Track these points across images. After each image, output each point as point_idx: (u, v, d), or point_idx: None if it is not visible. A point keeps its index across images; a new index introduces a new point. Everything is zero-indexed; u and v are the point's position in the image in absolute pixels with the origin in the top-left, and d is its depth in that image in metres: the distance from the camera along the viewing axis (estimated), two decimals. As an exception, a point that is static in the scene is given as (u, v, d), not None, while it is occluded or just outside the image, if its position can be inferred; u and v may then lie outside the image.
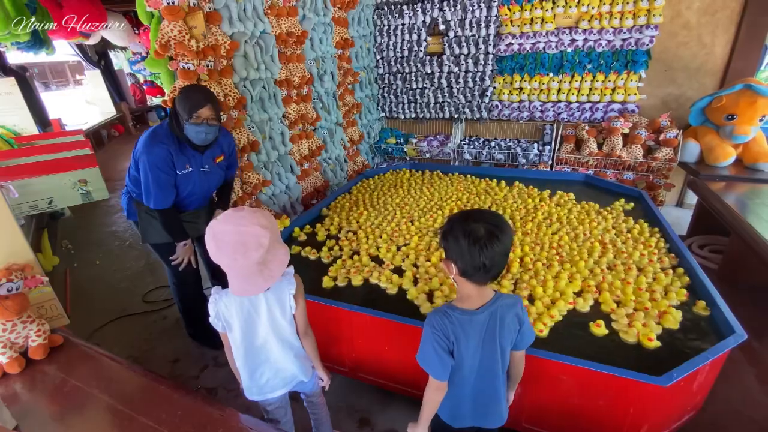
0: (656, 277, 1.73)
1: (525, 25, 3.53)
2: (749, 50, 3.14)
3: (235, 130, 2.51)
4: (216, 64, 2.32)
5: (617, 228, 2.14)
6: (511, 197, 2.60)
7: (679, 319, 1.49)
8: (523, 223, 2.23)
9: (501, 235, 0.94)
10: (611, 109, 3.53)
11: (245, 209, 1.10)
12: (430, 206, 2.53)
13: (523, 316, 1.10)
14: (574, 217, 2.28)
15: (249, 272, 1.06)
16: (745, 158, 2.94)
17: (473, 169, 3.20)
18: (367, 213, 2.52)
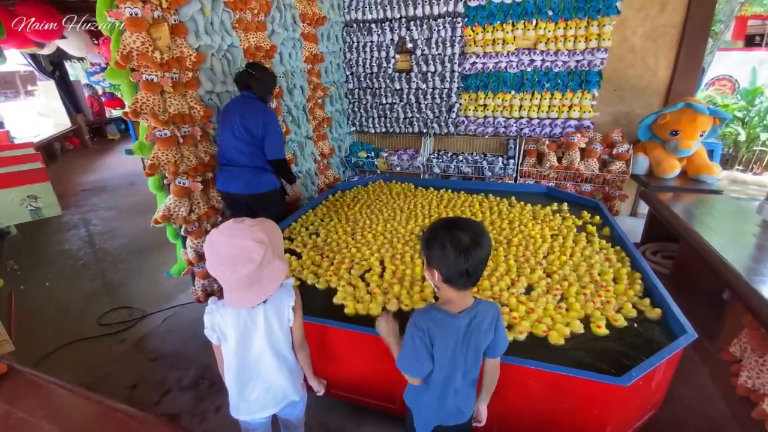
0: (612, 278, 1.84)
1: (488, 46, 3.71)
2: (688, 72, 3.45)
3: (201, 144, 2.45)
4: (181, 77, 2.27)
5: (577, 238, 2.25)
6: (478, 209, 2.69)
7: (634, 318, 1.58)
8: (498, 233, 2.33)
9: (482, 242, 0.99)
10: (568, 125, 3.75)
11: (246, 221, 1.08)
12: (402, 219, 2.58)
13: (499, 323, 1.13)
14: (537, 230, 2.35)
15: (238, 286, 1.05)
16: (689, 170, 3.19)
17: (443, 183, 3.29)
18: (340, 224, 2.54)
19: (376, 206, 2.86)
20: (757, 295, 1.61)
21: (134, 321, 2.73)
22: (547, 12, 3.45)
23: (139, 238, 4.04)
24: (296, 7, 3.26)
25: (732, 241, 2.08)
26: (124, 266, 3.51)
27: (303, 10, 3.37)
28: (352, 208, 2.84)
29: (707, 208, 2.54)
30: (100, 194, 5.63)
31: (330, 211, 2.84)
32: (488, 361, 1.17)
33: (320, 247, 2.33)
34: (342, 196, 3.12)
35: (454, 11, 3.70)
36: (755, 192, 4.95)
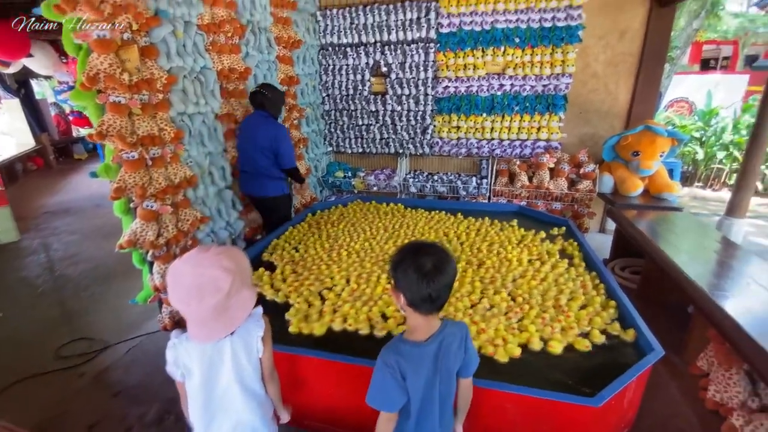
0: (581, 299, 1.86)
1: (459, 70, 3.85)
2: (646, 96, 3.66)
3: (171, 166, 2.39)
4: (151, 98, 2.23)
5: (545, 254, 2.30)
6: (463, 230, 2.71)
7: (602, 340, 1.60)
8: (469, 251, 2.34)
9: (446, 268, 0.99)
10: (538, 145, 3.89)
11: (212, 249, 1.04)
12: (381, 238, 2.57)
13: (468, 343, 1.13)
14: (515, 254, 2.35)
15: (205, 318, 1.00)
16: (651, 189, 3.35)
17: (420, 202, 3.33)
18: (320, 240, 2.54)
19: (360, 225, 2.86)
20: (719, 310, 1.67)
21: (95, 353, 2.57)
22: (515, 39, 3.62)
23: (103, 263, 3.85)
24: (271, 30, 3.29)
25: (694, 257, 2.17)
26: (86, 294, 3.33)
27: (278, 34, 3.40)
28: (336, 226, 2.85)
29: (669, 225, 2.66)
30: (63, 217, 5.37)
31: (312, 227, 2.88)
32: (461, 382, 1.17)
33: (296, 261, 2.35)
34: (328, 214, 3.11)
35: (427, 37, 3.83)
36: (715, 207, 5.23)
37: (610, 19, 3.51)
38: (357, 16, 3.97)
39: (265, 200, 2.85)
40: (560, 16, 3.46)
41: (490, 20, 3.63)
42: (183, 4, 2.35)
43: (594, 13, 3.49)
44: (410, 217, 2.94)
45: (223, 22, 2.70)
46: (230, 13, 2.80)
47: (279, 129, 2.68)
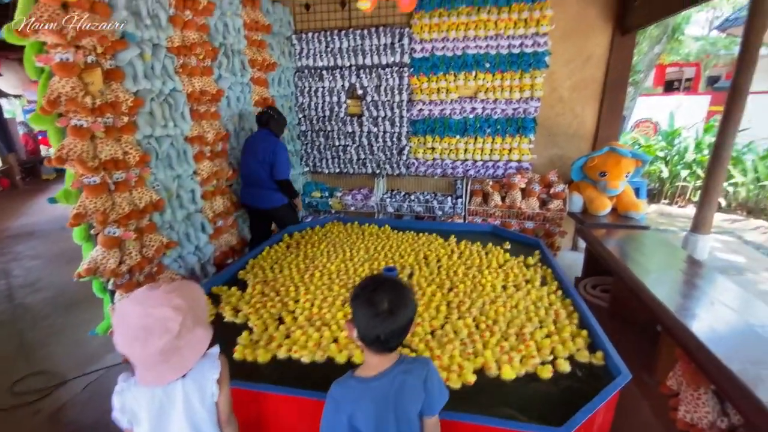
0: (549, 328, 1.82)
1: (433, 94, 3.94)
2: (611, 119, 3.82)
3: (136, 190, 2.32)
4: (115, 121, 2.18)
5: (522, 281, 2.29)
6: (444, 252, 2.68)
7: (567, 368, 1.57)
8: (445, 274, 2.32)
9: (402, 311, 0.97)
10: (509, 166, 3.98)
11: (162, 287, 0.99)
12: (359, 260, 2.54)
13: (430, 380, 1.07)
14: (490, 279, 2.29)
15: (152, 362, 0.94)
16: (619, 207, 3.45)
17: (398, 222, 3.32)
18: (296, 261, 2.51)
19: (338, 246, 2.81)
20: (684, 330, 1.70)
21: (52, 388, 2.41)
22: (485, 65, 3.75)
23: (65, 290, 3.67)
24: (245, 53, 3.30)
25: (660, 276, 2.22)
26: (46, 324, 3.15)
27: (252, 57, 3.42)
28: (315, 246, 2.81)
29: (636, 244, 2.73)
30: (26, 240, 5.13)
31: (292, 248, 2.84)
32: (425, 422, 1.12)
33: (268, 282, 2.31)
34: (304, 235, 3.07)
35: (401, 62, 3.93)
36: (682, 223, 5.43)
37: (574, 46, 3.68)
38: (332, 40, 4.03)
39: (267, 211, 3.14)
40: (528, 42, 3.60)
41: (461, 46, 3.75)
42: (152, 27, 2.34)
43: (559, 41, 3.65)
44: (389, 238, 2.92)
45: (194, 45, 2.70)
46: (202, 36, 2.80)
47: (278, 144, 3.02)
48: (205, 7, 2.75)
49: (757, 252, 4.36)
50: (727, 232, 5.01)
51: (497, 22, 3.62)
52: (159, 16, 2.38)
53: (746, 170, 5.61)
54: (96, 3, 2.01)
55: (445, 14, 3.70)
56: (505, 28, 3.62)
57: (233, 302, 2.10)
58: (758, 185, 5.53)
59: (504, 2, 3.56)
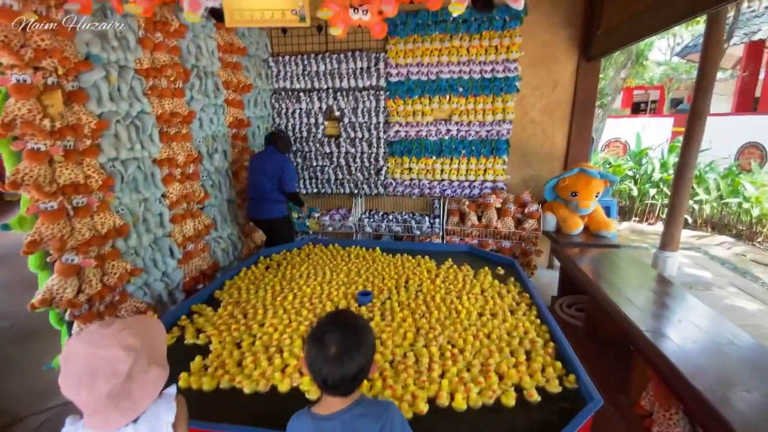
0: (522, 352, 1.78)
1: (409, 116, 4.01)
2: (580, 141, 3.95)
3: (98, 215, 2.22)
4: (77, 144, 2.10)
5: (494, 305, 2.26)
6: (426, 276, 2.61)
7: (537, 398, 1.53)
8: (422, 299, 2.27)
9: (353, 357, 0.93)
10: (485, 186, 4.05)
11: (115, 324, 0.92)
12: (336, 283, 2.48)
13: (390, 427, 0.98)
14: (467, 305, 2.22)
15: (98, 407, 0.86)
16: (591, 227, 3.53)
17: (377, 243, 3.28)
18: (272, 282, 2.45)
19: (316, 268, 2.75)
20: (654, 349, 1.72)
21: (5, 427, 2.22)
22: (458, 89, 3.85)
23: (23, 320, 3.43)
24: (219, 75, 3.29)
25: (631, 295, 2.25)
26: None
27: (227, 78, 3.40)
28: (297, 268, 2.75)
29: (608, 263, 2.77)
30: (-17, 267, 4.83)
31: (272, 268, 2.79)
32: None
33: (240, 303, 2.25)
34: (293, 254, 3.03)
35: (377, 85, 3.99)
36: (653, 240, 5.60)
37: (543, 72, 3.83)
38: (309, 64, 4.07)
39: (267, 222, 3.39)
40: (499, 68, 3.73)
41: (435, 71, 3.85)
42: (119, 48, 2.30)
43: (529, 66, 3.80)
44: (373, 261, 2.86)
45: (164, 67, 2.66)
46: (173, 58, 2.77)
47: (286, 160, 3.33)
48: (176, 29, 2.73)
49: (722, 267, 4.52)
50: (694, 248, 5.19)
51: (469, 48, 3.74)
52: (127, 38, 2.35)
53: (709, 188, 5.88)
54: (58, 24, 1.97)
55: (419, 40, 3.80)
56: (476, 54, 3.74)
57: (200, 323, 2.05)
58: (721, 202, 5.79)
59: (475, 30, 3.69)
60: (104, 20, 2.20)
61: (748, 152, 7.54)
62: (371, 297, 2.21)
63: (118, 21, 2.26)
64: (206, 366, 1.71)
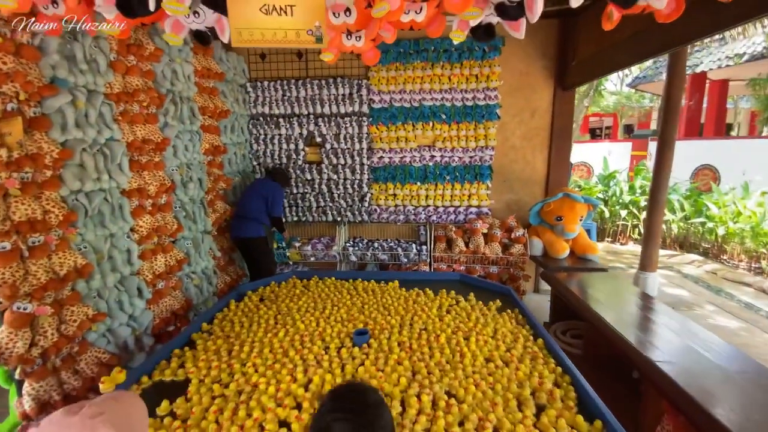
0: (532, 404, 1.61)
1: (392, 142, 3.98)
2: (559, 166, 4.05)
3: (57, 254, 1.97)
4: (35, 176, 1.87)
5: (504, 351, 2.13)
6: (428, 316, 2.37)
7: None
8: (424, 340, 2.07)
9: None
10: (470, 212, 4.03)
11: (86, 408, 0.75)
12: (334, 320, 2.28)
13: None
14: (473, 346, 2.03)
15: None
16: (576, 250, 3.56)
17: (365, 274, 3.11)
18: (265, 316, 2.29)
19: (324, 301, 2.56)
20: (671, 383, 1.65)
21: None
22: (441, 116, 3.87)
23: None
24: (195, 100, 3.13)
25: (632, 320, 2.23)
26: None
27: (203, 104, 3.25)
28: (295, 301, 2.56)
29: (600, 287, 2.76)
30: None
31: (267, 301, 2.61)
32: None
33: (231, 338, 2.10)
34: (288, 286, 2.84)
35: (360, 111, 3.95)
36: (628, 260, 5.77)
37: (522, 100, 3.93)
38: (289, 89, 3.99)
39: (244, 240, 3.48)
40: (480, 96, 3.80)
41: (418, 98, 3.87)
42: (88, 72, 2.11)
43: (508, 95, 3.89)
44: (359, 294, 2.67)
45: (137, 92, 2.48)
46: (147, 83, 2.60)
47: (278, 187, 3.54)
48: (151, 53, 2.58)
49: (697, 285, 4.68)
50: (667, 267, 5.37)
51: (450, 76, 3.79)
52: (98, 61, 2.17)
53: (675, 209, 6.18)
54: (22, 46, 1.78)
55: (401, 68, 3.83)
56: (458, 82, 3.80)
57: (186, 356, 1.89)
58: (687, 222, 6.09)
59: (456, 59, 3.76)
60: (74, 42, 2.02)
61: (702, 174, 8.07)
62: (368, 336, 2.05)
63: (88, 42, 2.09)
64: (174, 411, 1.54)
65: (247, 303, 2.54)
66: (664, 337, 2.06)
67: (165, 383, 1.77)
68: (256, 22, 1.21)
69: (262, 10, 1.19)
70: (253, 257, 3.56)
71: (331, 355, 1.91)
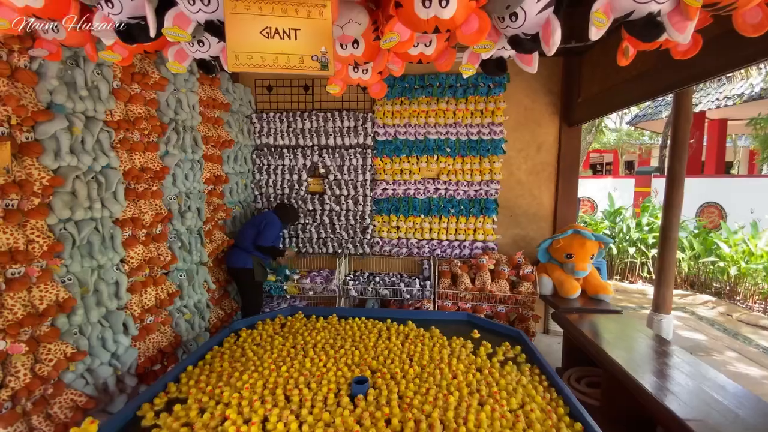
0: None
1: (396, 174, 3.92)
2: (567, 201, 3.96)
3: (38, 287, 1.84)
4: (21, 204, 1.78)
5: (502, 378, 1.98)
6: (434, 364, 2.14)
7: None
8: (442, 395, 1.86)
9: None
10: (476, 246, 3.90)
11: None
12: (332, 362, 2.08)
13: None
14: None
15: None
16: (588, 290, 3.39)
17: (367, 312, 2.94)
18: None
19: (305, 343, 2.36)
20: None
21: None
22: (446, 149, 3.84)
23: None
24: (199, 129, 3.09)
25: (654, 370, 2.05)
26: None
27: (207, 133, 3.22)
28: (301, 336, 2.43)
29: (616, 332, 2.59)
30: None
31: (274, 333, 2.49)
32: None
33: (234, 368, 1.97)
34: (295, 321, 2.69)
35: (364, 143, 3.92)
36: (637, 300, 5.55)
37: (527, 134, 3.90)
38: (294, 121, 3.99)
39: (231, 270, 3.49)
40: (484, 131, 3.77)
41: (422, 131, 3.85)
42: (88, 98, 2.07)
43: (513, 129, 3.87)
44: (363, 335, 2.46)
45: (139, 120, 2.44)
46: (150, 111, 2.57)
47: (274, 219, 3.51)
48: (156, 81, 2.57)
49: (713, 329, 4.45)
50: (680, 308, 5.15)
51: (455, 111, 3.79)
52: (99, 88, 2.14)
53: (684, 247, 6.03)
54: (18, 69, 1.74)
55: (406, 102, 3.83)
56: (463, 117, 3.79)
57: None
58: (698, 261, 5.92)
59: (461, 94, 3.77)
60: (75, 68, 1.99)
61: (708, 211, 7.98)
62: (367, 387, 1.86)
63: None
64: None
65: (237, 343, 2.36)
66: (690, 390, 1.88)
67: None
68: (257, 46, 1.14)
69: (263, 33, 1.13)
70: (241, 289, 3.57)
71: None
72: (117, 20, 1.36)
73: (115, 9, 1.33)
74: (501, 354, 2.28)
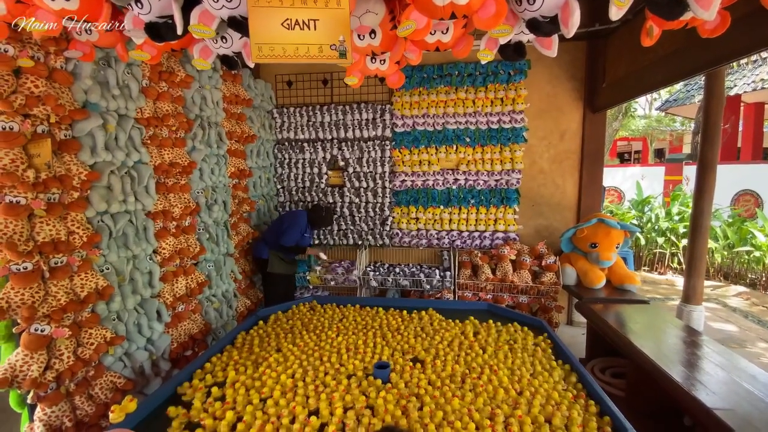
0: None
1: (415, 166, 3.92)
2: (591, 190, 3.86)
3: (79, 275, 1.96)
4: (62, 197, 1.90)
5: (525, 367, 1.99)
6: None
7: None
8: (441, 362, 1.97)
9: None
10: (496, 237, 3.87)
11: None
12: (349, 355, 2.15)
13: None
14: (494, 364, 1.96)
15: None
16: (613, 280, 3.31)
17: (382, 301, 2.99)
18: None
19: (349, 331, 2.43)
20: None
21: None
22: (465, 139, 3.80)
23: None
24: (223, 125, 3.19)
25: (682, 361, 2.00)
26: (-59, 444, 2.48)
27: (230, 129, 3.31)
28: (324, 328, 2.46)
29: (644, 322, 2.53)
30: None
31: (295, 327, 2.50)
32: None
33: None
34: (310, 313, 2.75)
35: (383, 135, 3.94)
36: (665, 291, 5.38)
37: (550, 122, 3.82)
38: (314, 114, 4.04)
39: (254, 258, 3.66)
40: (505, 119, 3.71)
41: (441, 122, 3.83)
42: (120, 97, 2.18)
43: (535, 117, 3.80)
44: (388, 324, 2.51)
45: (167, 117, 2.54)
46: (177, 108, 2.67)
47: (300, 219, 3.50)
48: (182, 79, 2.66)
49: (746, 320, 4.27)
50: (712, 299, 4.96)
51: (475, 100, 3.74)
52: (130, 87, 2.24)
53: (717, 236, 5.78)
54: (55, 70, 1.84)
55: (425, 93, 3.81)
56: (482, 105, 3.74)
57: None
58: (732, 251, 5.67)
59: (480, 82, 3.72)
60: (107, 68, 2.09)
61: (744, 199, 7.60)
62: (389, 371, 1.90)
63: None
64: None
65: (252, 333, 2.45)
66: (719, 380, 1.83)
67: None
68: (278, 37, 1.18)
69: (284, 25, 1.16)
70: (263, 279, 3.70)
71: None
72: (146, 20, 1.43)
73: (144, 9, 1.39)
74: (520, 341, 2.28)
